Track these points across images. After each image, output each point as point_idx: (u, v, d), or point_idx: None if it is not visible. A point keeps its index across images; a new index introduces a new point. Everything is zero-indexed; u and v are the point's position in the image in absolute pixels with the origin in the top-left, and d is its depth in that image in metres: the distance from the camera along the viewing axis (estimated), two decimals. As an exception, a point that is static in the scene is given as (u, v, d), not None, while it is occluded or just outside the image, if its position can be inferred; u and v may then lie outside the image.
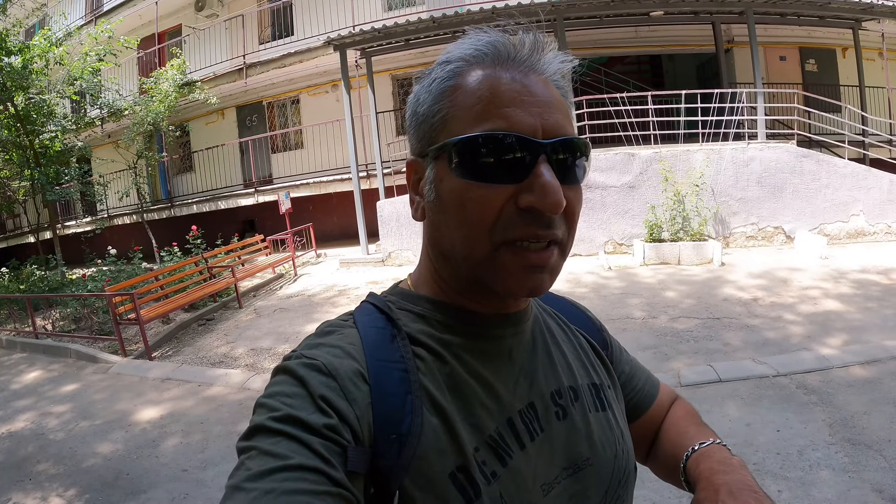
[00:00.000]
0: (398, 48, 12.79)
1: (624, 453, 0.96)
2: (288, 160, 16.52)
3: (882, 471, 4.05)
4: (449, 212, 0.81)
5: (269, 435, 0.69)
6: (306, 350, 0.81)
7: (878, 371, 5.68)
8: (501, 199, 0.77)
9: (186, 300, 9.44)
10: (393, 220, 11.91)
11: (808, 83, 14.79)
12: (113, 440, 5.70)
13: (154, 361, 7.98)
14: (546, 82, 0.82)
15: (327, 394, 0.73)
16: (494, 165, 0.77)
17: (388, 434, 0.75)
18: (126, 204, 17.22)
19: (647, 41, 14.65)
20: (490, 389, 0.85)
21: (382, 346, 0.83)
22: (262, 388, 5.74)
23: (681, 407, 1.18)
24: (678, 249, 10.27)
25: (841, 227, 11.12)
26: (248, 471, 0.66)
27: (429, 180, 0.85)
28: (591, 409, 0.95)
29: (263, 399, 0.75)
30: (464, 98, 0.80)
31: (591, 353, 1.05)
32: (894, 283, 8.39)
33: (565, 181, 0.79)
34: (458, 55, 0.84)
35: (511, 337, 0.91)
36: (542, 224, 0.77)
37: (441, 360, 0.84)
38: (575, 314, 1.13)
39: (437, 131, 0.82)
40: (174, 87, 14.72)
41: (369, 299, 0.93)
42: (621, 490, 0.94)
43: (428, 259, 0.93)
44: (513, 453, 0.83)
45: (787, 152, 11.06)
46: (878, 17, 12.80)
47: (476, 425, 0.82)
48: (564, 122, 0.81)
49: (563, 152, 0.79)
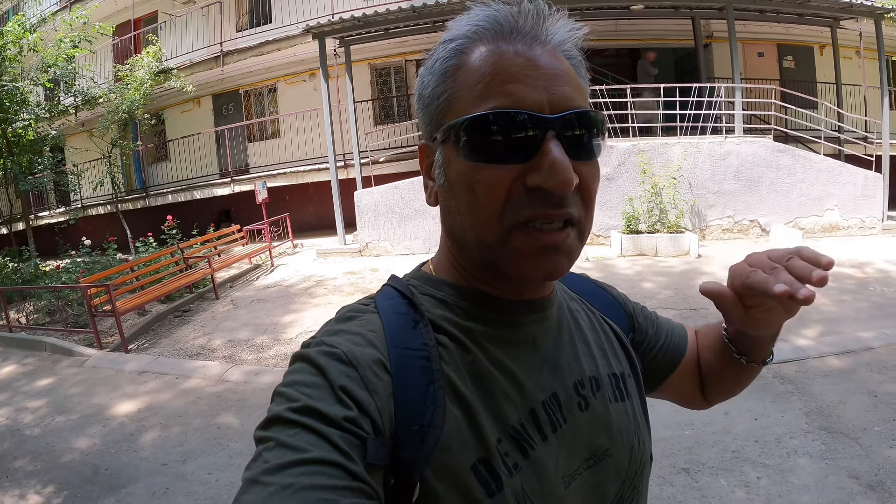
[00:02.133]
0: (377, 37, 12.69)
1: (641, 444, 0.95)
2: (265, 149, 16.34)
3: (858, 458, 4.13)
4: (458, 195, 0.79)
5: (287, 426, 0.67)
6: (326, 337, 0.78)
7: (853, 361, 5.77)
8: (509, 179, 0.74)
9: (162, 291, 9.30)
10: (370, 210, 11.83)
11: (786, 79, 14.95)
12: (90, 435, 5.58)
13: (130, 354, 7.83)
14: (553, 53, 0.78)
15: (347, 384, 0.71)
16: (500, 145, 0.74)
17: (410, 425, 0.73)
18: (100, 194, 16.91)
19: (627, 34, 14.68)
20: (513, 379, 0.83)
21: (405, 332, 0.80)
22: (240, 379, 5.74)
23: (702, 328, 1.19)
24: (655, 241, 10.32)
25: (816, 221, 11.24)
26: (266, 463, 0.64)
27: (438, 164, 0.83)
28: (612, 400, 0.93)
29: (282, 388, 0.73)
30: (466, 76, 0.77)
31: (615, 341, 1.03)
32: (868, 277, 8.50)
33: (578, 157, 0.75)
34: (459, 32, 0.81)
35: (535, 324, 0.88)
36: (552, 203, 0.74)
37: (464, 348, 0.82)
38: (599, 296, 1.10)
39: (443, 113, 0.80)
40: (150, 74, 14.50)
41: (391, 282, 0.91)
42: (637, 480, 0.93)
43: (446, 245, 0.90)
44: (535, 445, 0.81)
45: (763, 147, 11.16)
46: (856, 16, 12.94)
47: (498, 416, 0.80)
48: (574, 95, 0.77)
49: (573, 126, 0.75)
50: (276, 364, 6.95)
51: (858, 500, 3.69)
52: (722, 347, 1.03)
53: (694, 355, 1.14)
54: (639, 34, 14.78)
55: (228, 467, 4.70)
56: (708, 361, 1.11)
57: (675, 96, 11.31)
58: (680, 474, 4.10)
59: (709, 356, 1.10)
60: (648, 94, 12.44)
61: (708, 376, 1.14)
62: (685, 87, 11.46)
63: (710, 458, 4.29)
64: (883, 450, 4.20)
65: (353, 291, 9.50)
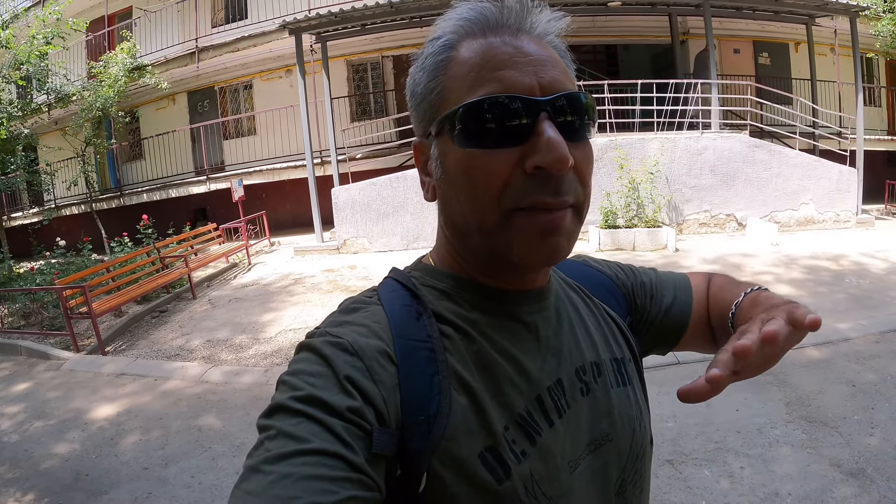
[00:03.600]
0: (354, 33, 12.62)
1: (641, 428, 0.95)
2: (240, 147, 16.16)
3: (839, 446, 4.19)
4: (457, 185, 0.80)
5: (290, 415, 0.68)
6: (331, 328, 0.79)
7: (831, 352, 5.85)
8: (507, 164, 0.75)
9: (139, 292, 9.13)
10: (348, 207, 11.76)
11: (762, 76, 15.05)
12: (70, 440, 5.44)
13: (108, 356, 7.67)
14: (539, 41, 0.80)
15: (353, 374, 0.71)
16: (495, 130, 0.75)
17: (417, 416, 0.74)
18: (74, 193, 16.64)
19: (604, 31, 14.74)
20: (519, 367, 0.84)
21: (409, 324, 0.81)
22: (220, 380, 5.63)
23: (716, 283, 1.16)
24: (633, 236, 10.38)
25: (791, 214, 11.38)
26: (268, 452, 0.64)
27: (434, 157, 0.83)
28: (613, 385, 0.94)
29: (286, 377, 0.73)
30: (457, 69, 0.79)
31: (614, 327, 1.03)
32: (844, 269, 8.60)
33: (571, 138, 0.76)
34: (447, 29, 0.82)
35: (536, 313, 0.89)
36: (551, 190, 0.74)
37: (469, 338, 0.83)
38: (598, 281, 1.10)
39: (436, 107, 0.81)
40: (124, 71, 14.25)
41: (393, 275, 0.92)
42: (639, 464, 0.94)
43: (445, 238, 0.91)
44: (542, 431, 0.82)
45: (739, 142, 11.27)
46: (831, 14, 13.10)
47: (505, 404, 0.80)
48: (562, 78, 0.78)
49: (564, 108, 0.76)
50: (255, 364, 6.87)
51: (840, 488, 3.74)
52: (728, 330, 1.00)
53: (703, 311, 1.13)
54: (616, 30, 14.87)
55: (211, 470, 4.63)
56: (717, 327, 1.10)
57: (653, 92, 11.37)
58: (664, 466, 4.11)
59: (717, 324, 1.09)
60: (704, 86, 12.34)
61: (720, 334, 1.11)
62: (662, 83, 11.52)
63: (693, 449, 4.32)
64: (863, 438, 4.26)
65: (331, 289, 9.44)
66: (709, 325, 1.12)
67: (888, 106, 17.05)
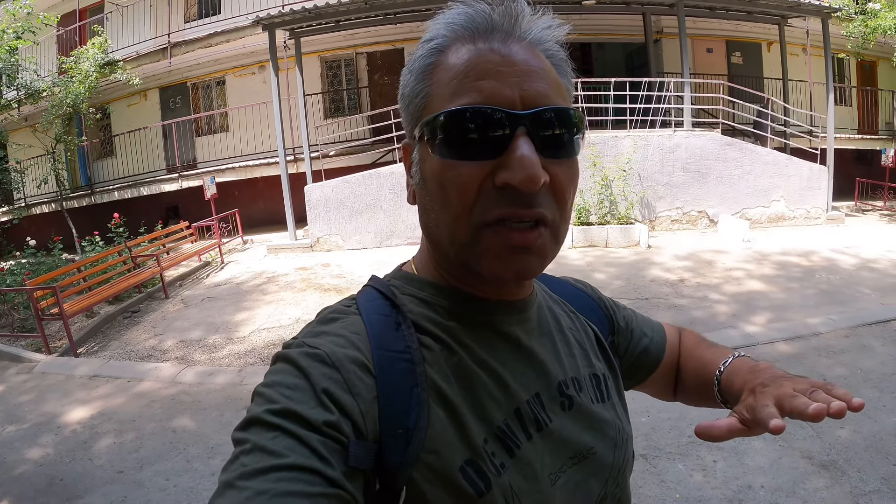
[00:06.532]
0: (328, 29, 12.57)
1: (623, 442, 0.96)
2: (213, 144, 15.94)
3: (810, 439, 4.27)
4: (431, 193, 0.78)
5: (265, 429, 0.66)
6: (309, 338, 0.77)
7: (802, 346, 5.94)
8: (479, 177, 0.73)
9: (111, 292, 8.99)
10: (321, 204, 11.71)
11: (734, 75, 15.25)
12: (43, 444, 5.33)
13: (80, 358, 7.53)
14: (531, 49, 0.78)
15: (330, 387, 0.70)
16: (470, 141, 0.73)
17: (395, 428, 0.73)
18: (45, 191, 16.36)
19: (579, 29, 14.66)
20: (498, 379, 0.83)
21: (387, 335, 0.80)
22: (193, 381, 5.54)
23: (688, 338, 1.21)
24: (606, 232, 10.44)
25: (762, 211, 11.52)
26: (244, 467, 0.63)
27: (415, 162, 0.82)
28: (594, 400, 0.94)
29: (262, 388, 0.72)
30: (442, 75, 0.77)
31: (595, 343, 1.03)
32: (814, 265, 8.73)
33: (552, 155, 0.74)
34: (437, 32, 0.80)
35: (517, 324, 0.88)
36: (522, 203, 0.72)
37: (448, 349, 0.82)
38: (580, 298, 1.11)
39: (420, 112, 0.80)
40: (95, 66, 14.03)
41: (372, 283, 0.91)
42: (620, 477, 0.94)
43: (426, 244, 0.90)
44: (521, 444, 0.81)
45: (711, 140, 11.39)
46: (803, 15, 13.33)
47: (484, 417, 0.80)
48: (549, 92, 0.75)
49: (546, 123, 0.74)
50: (229, 364, 6.79)
51: (812, 479, 3.82)
52: (709, 387, 1.05)
53: (673, 360, 1.17)
54: (591, 29, 14.89)
55: (186, 472, 4.57)
56: (689, 381, 1.15)
57: (626, 90, 11.43)
58: (638, 460, 4.12)
59: (692, 379, 1.14)
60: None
61: (684, 388, 1.18)
62: (635, 82, 11.59)
63: (666, 443, 4.36)
64: (834, 430, 4.34)
65: (305, 287, 9.38)
66: (675, 374, 1.18)
67: (858, 105, 17.31)
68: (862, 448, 4.13)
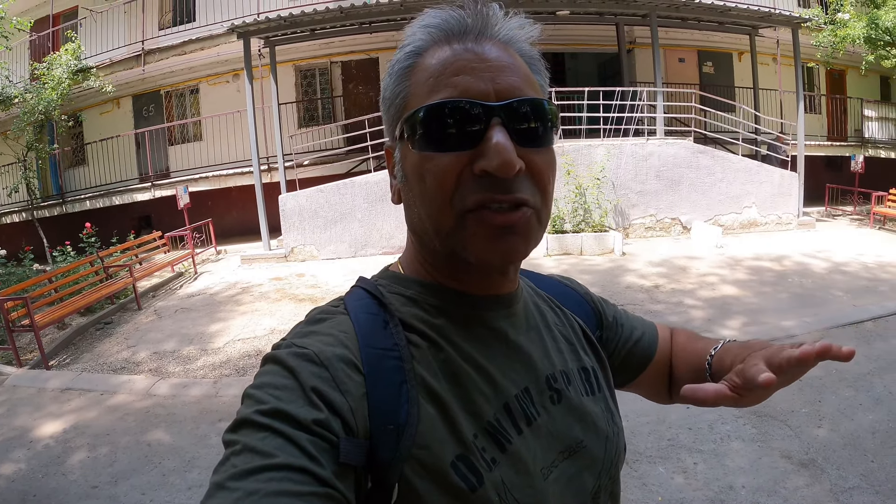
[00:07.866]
0: (303, 38, 12.54)
1: (615, 435, 0.96)
2: (186, 153, 15.75)
3: (789, 438, 4.34)
4: (413, 187, 0.81)
5: (255, 429, 0.67)
6: (297, 339, 0.78)
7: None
8: (458, 166, 0.75)
9: (83, 303, 8.80)
10: (295, 214, 11.63)
11: (706, 84, 15.47)
12: (15, 459, 5.19)
13: (52, 371, 7.36)
14: (504, 47, 0.81)
15: (319, 385, 0.71)
16: (447, 134, 0.75)
17: (385, 425, 0.74)
18: (15, 200, 16.06)
19: (552, 39, 14.85)
20: (486, 375, 0.83)
21: (375, 333, 0.80)
22: (168, 393, 5.44)
23: (680, 335, 1.22)
24: (580, 240, 10.51)
25: (735, 218, 11.68)
26: (234, 468, 0.63)
27: (397, 161, 0.85)
28: (584, 393, 0.95)
29: (251, 390, 0.72)
30: (419, 75, 0.80)
31: (583, 337, 1.04)
32: (786, 270, 8.86)
33: (527, 144, 0.76)
34: (414, 37, 0.83)
35: (504, 319, 0.89)
36: (501, 189, 0.75)
37: (436, 346, 0.82)
38: (567, 294, 1.12)
39: (400, 112, 0.82)
40: (68, 73, 13.83)
41: (360, 283, 0.92)
42: (613, 470, 0.95)
43: (411, 242, 0.91)
44: (511, 439, 0.82)
45: (684, 148, 11.52)
46: (773, 25, 13.59)
47: (474, 412, 0.80)
48: (521, 85, 0.78)
49: (520, 114, 0.77)
50: (204, 375, 6.68)
51: (792, 478, 3.87)
52: (701, 376, 1.05)
53: (666, 357, 1.18)
54: (564, 39, 15.03)
55: (162, 486, 4.48)
56: (682, 376, 1.13)
57: (599, 99, 11.53)
58: (620, 463, 4.15)
59: (684, 372, 1.13)
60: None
61: (678, 386, 1.15)
62: (609, 91, 11.70)
63: (646, 447, 4.38)
64: (811, 430, 4.41)
65: (279, 297, 9.31)
66: (668, 372, 1.17)
67: (828, 113, 17.66)
68: (840, 446, 4.21)
